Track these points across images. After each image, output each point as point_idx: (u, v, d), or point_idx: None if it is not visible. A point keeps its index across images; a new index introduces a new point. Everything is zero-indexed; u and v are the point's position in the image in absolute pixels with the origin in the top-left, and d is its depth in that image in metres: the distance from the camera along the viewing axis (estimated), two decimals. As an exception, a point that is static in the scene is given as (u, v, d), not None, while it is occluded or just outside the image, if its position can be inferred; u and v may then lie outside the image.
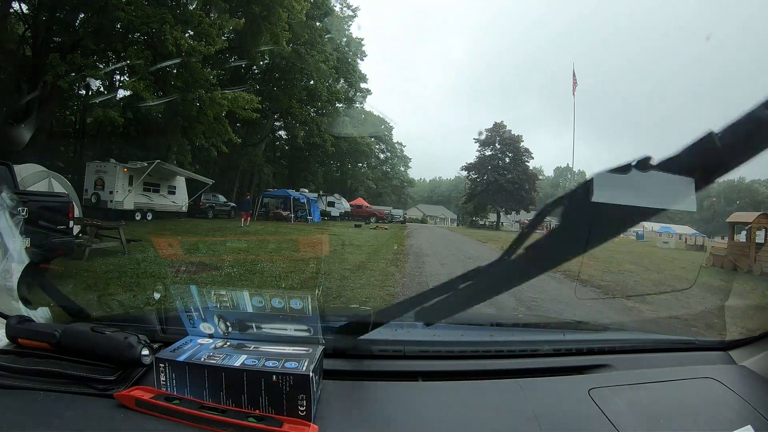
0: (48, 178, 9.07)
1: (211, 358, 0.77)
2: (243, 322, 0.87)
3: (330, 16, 26.70)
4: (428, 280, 6.64)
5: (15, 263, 1.03)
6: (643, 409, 0.88)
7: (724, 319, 1.39)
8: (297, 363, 0.75)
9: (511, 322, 1.75)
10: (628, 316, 5.03)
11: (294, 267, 6.31)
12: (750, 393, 0.96)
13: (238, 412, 0.72)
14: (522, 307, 5.33)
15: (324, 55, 24.25)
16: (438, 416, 0.80)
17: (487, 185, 35.04)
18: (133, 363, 0.80)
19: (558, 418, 0.83)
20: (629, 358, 1.09)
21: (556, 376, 0.97)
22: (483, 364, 0.99)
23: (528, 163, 36.10)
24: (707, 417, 0.90)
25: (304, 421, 0.71)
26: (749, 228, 10.71)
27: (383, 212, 30.01)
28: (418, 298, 0.83)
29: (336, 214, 27.29)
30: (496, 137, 35.90)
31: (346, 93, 28.97)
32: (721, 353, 1.17)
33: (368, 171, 39.56)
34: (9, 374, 0.78)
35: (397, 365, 0.95)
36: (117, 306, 3.82)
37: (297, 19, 19.65)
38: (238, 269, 6.13)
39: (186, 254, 6.35)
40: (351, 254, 8.91)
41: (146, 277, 5.29)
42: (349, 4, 30.23)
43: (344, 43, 28.98)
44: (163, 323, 0.98)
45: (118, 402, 0.74)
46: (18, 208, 1.08)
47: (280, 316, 0.85)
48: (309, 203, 22.87)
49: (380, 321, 0.91)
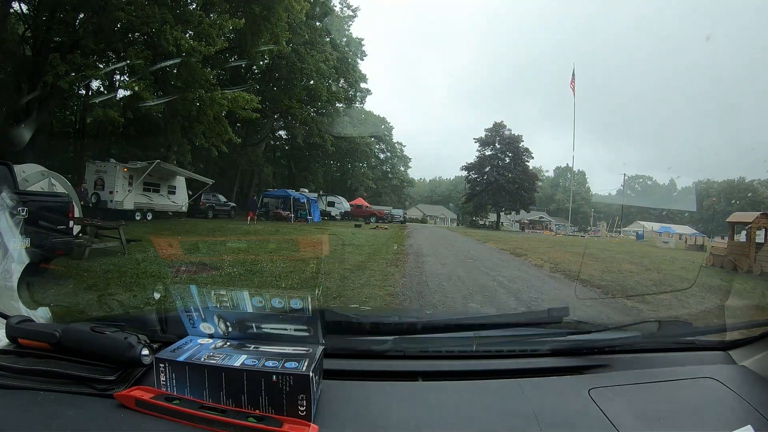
0: (48, 178, 9.07)
1: (211, 358, 0.77)
2: (243, 322, 0.87)
3: (330, 16, 26.70)
4: (428, 280, 6.64)
5: (15, 263, 1.03)
6: (643, 409, 0.88)
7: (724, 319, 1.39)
8: (297, 363, 0.75)
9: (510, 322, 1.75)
10: (628, 316, 5.03)
11: (294, 267, 6.31)
12: (750, 393, 0.96)
13: (238, 412, 0.72)
14: (522, 307, 5.33)
15: (324, 55, 24.25)
16: (438, 416, 0.80)
17: (487, 185, 35.03)
18: (133, 363, 0.80)
19: (558, 418, 0.83)
20: (629, 358, 1.09)
21: (556, 376, 0.97)
22: (483, 364, 0.99)
23: (528, 163, 36.14)
24: (707, 417, 0.90)
25: (304, 421, 0.71)
26: (749, 228, 10.71)
27: (383, 212, 30.02)
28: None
29: (336, 214, 27.30)
30: (496, 137, 35.90)
31: (346, 93, 28.96)
32: (721, 353, 1.17)
33: (368, 171, 39.56)
34: (9, 374, 0.78)
35: (397, 365, 0.95)
36: (117, 306, 3.82)
37: (297, 19, 19.65)
38: (238, 269, 6.13)
39: (186, 254, 6.35)
40: (351, 254, 8.91)
41: (146, 277, 5.29)
42: (349, 4, 30.25)
43: (344, 43, 28.97)
44: (163, 323, 0.98)
45: (118, 402, 0.74)
46: (18, 208, 1.08)
47: (280, 316, 0.85)
48: (309, 203, 22.88)
49: (381, 321, 0.91)
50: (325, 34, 25.60)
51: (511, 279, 7.37)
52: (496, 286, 6.60)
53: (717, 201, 48.03)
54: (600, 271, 9.00)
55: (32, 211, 4.64)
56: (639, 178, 62.78)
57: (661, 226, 34.39)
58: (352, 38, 30.44)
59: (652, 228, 36.80)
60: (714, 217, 41.21)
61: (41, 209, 5.06)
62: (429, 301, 5.32)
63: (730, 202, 45.17)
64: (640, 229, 37.63)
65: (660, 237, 23.80)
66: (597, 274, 8.52)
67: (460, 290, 6.08)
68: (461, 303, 5.39)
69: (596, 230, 43.58)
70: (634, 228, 41.22)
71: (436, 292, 5.75)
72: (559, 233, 37.17)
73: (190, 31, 14.72)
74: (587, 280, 7.83)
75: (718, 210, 43.56)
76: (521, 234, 32.16)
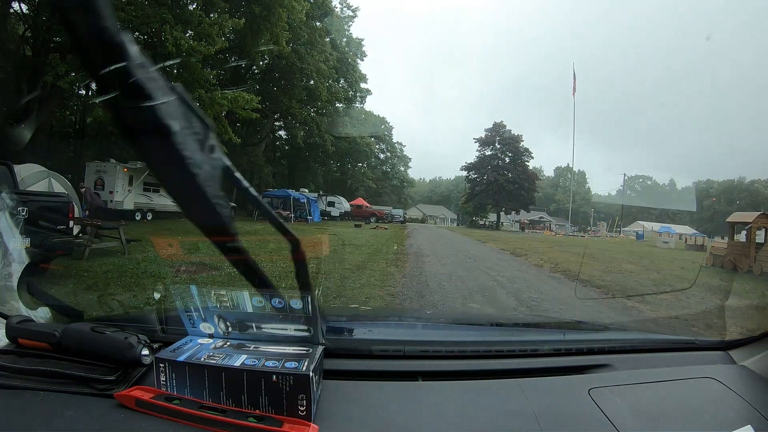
0: (48, 178, 9.08)
1: (211, 358, 0.77)
2: (243, 322, 0.86)
3: (330, 16, 26.70)
4: (428, 280, 6.64)
5: (15, 263, 1.03)
6: (643, 409, 0.88)
7: (724, 318, 1.38)
8: (297, 363, 0.75)
9: (511, 322, 1.75)
10: (628, 316, 5.03)
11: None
12: (750, 393, 0.96)
13: (238, 412, 0.71)
14: (522, 307, 5.33)
15: (324, 55, 24.25)
16: (438, 416, 0.80)
17: (487, 185, 35.05)
18: (133, 363, 0.80)
19: (558, 418, 0.83)
20: (629, 358, 1.09)
21: (556, 376, 0.97)
22: (483, 364, 0.99)
23: (528, 163, 36.18)
24: (707, 417, 0.90)
25: (304, 421, 0.71)
26: (749, 228, 10.71)
27: (383, 212, 30.04)
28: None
29: (336, 214, 27.31)
30: (496, 137, 35.93)
31: (346, 93, 28.97)
32: (721, 353, 1.16)
33: (368, 171, 39.57)
34: (9, 374, 0.78)
35: (397, 365, 0.95)
36: (117, 306, 3.81)
37: (297, 19, 19.66)
38: (238, 269, 6.12)
39: (186, 254, 6.34)
40: (351, 254, 8.91)
41: (146, 277, 5.29)
42: (349, 4, 30.28)
43: (344, 43, 28.97)
44: (163, 323, 0.98)
45: (118, 402, 0.74)
46: (18, 208, 1.08)
47: (280, 316, 0.85)
48: (309, 203, 22.89)
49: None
50: (325, 34, 25.60)
51: (511, 279, 7.37)
52: (496, 286, 6.60)
53: (717, 201, 48.04)
54: (600, 271, 9.01)
55: (32, 211, 4.64)
56: (639, 178, 62.90)
57: (661, 226, 34.42)
58: (352, 38, 30.48)
59: (652, 228, 36.81)
60: (714, 217, 41.21)
61: (41, 209, 5.07)
62: (429, 301, 5.32)
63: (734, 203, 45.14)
64: (640, 229, 37.65)
65: (660, 237, 23.80)
66: (597, 274, 8.52)
67: (461, 290, 6.08)
68: (461, 303, 5.39)
69: (596, 230, 43.59)
70: (634, 228, 41.26)
71: (436, 292, 5.75)
72: (559, 233, 37.18)
73: (190, 31, 14.73)
74: (587, 280, 7.83)
75: (718, 210, 43.56)
76: (521, 234, 32.15)
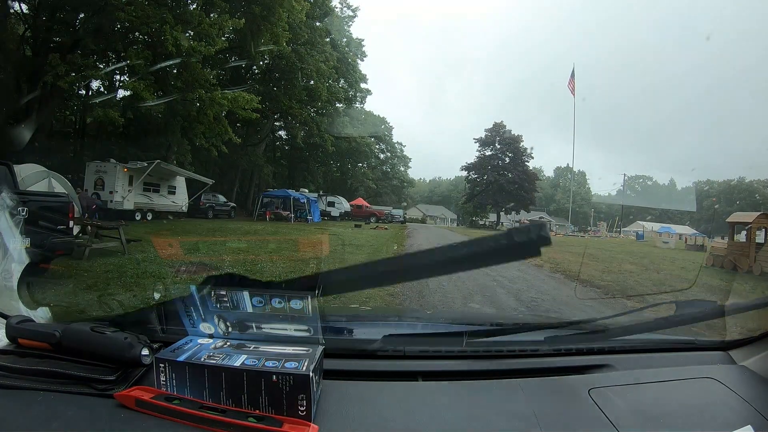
0: (48, 178, 9.08)
1: (211, 358, 0.77)
2: (243, 322, 0.86)
3: (330, 16, 26.71)
4: (428, 280, 6.64)
5: (15, 263, 1.03)
6: (643, 409, 0.88)
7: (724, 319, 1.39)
8: (297, 363, 0.75)
9: (511, 322, 1.75)
10: (628, 316, 5.03)
11: (294, 267, 6.31)
12: (750, 393, 0.96)
13: (238, 412, 0.71)
14: (522, 307, 5.33)
15: (324, 55, 24.25)
16: (438, 416, 0.80)
17: (487, 185, 35.04)
18: (133, 363, 0.80)
19: (558, 418, 0.83)
20: (629, 358, 1.09)
21: (556, 376, 0.97)
22: (483, 364, 0.98)
23: (528, 163, 36.13)
24: (707, 417, 0.90)
25: (304, 421, 0.71)
26: (749, 228, 10.71)
27: (383, 212, 30.03)
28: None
29: (336, 214, 27.30)
30: (496, 137, 35.91)
31: (346, 93, 28.97)
32: (721, 353, 1.17)
33: (368, 171, 39.54)
34: (9, 374, 0.78)
35: (397, 365, 0.95)
36: (117, 306, 3.82)
37: (297, 19, 19.66)
38: (238, 269, 6.12)
39: (186, 254, 6.36)
40: (351, 254, 8.91)
41: (146, 277, 5.29)
42: (349, 4, 30.27)
43: (344, 43, 28.97)
44: (163, 323, 0.98)
45: (118, 402, 0.74)
46: (18, 208, 1.08)
47: (280, 316, 0.85)
48: (309, 203, 22.88)
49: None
50: (325, 34, 25.60)
51: (511, 279, 7.37)
52: (495, 286, 6.60)
53: (717, 201, 48.06)
54: (600, 271, 9.01)
55: (32, 211, 4.64)
56: (639, 178, 62.84)
57: (661, 226, 34.41)
58: (352, 38, 30.48)
59: (652, 228, 36.79)
60: (714, 217, 41.21)
61: (41, 209, 5.07)
62: (429, 301, 5.32)
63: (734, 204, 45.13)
64: (640, 230, 37.63)
65: (660, 237, 23.78)
66: (597, 274, 8.52)
67: (460, 290, 6.08)
68: (461, 303, 5.39)
69: (596, 230, 43.55)
70: (634, 228, 41.24)
71: (436, 292, 5.75)
72: (559, 233, 37.15)
73: (190, 31, 14.74)
74: (587, 280, 7.84)
75: (718, 210, 43.57)
76: (521, 234, 32.00)
